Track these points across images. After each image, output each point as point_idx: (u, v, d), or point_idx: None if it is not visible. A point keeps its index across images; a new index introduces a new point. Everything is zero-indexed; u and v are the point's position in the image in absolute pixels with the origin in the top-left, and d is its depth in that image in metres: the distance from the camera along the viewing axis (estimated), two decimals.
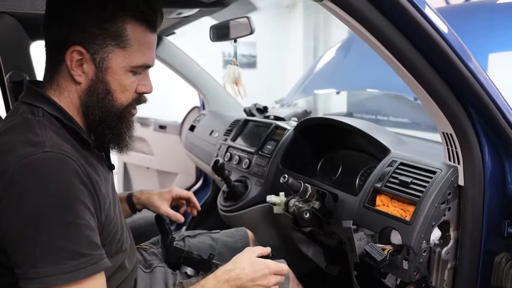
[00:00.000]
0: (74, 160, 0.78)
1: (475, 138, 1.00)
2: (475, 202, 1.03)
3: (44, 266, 0.71)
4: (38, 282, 0.71)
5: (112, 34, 0.84)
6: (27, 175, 0.73)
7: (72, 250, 0.73)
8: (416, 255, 1.01)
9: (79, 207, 0.76)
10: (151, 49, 0.91)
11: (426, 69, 0.90)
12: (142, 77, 0.92)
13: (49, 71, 0.88)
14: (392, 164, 1.16)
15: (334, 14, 0.86)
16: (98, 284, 0.78)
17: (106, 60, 0.85)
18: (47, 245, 0.72)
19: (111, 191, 0.98)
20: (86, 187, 0.78)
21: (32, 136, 0.78)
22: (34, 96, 0.86)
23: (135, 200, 1.30)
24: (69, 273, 0.72)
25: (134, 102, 0.93)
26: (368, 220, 1.12)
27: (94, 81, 0.86)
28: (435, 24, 0.84)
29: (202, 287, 0.92)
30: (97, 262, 0.77)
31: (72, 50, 0.83)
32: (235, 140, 1.94)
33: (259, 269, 0.96)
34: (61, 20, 0.84)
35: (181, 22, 1.92)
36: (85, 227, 0.76)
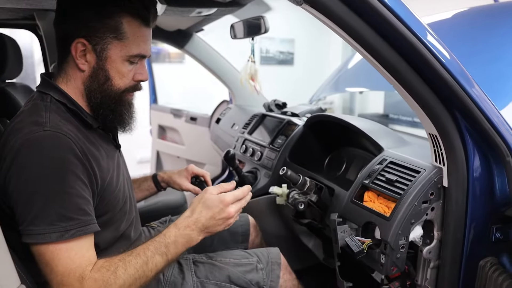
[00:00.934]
0: (70, 138, 0.91)
1: (459, 140, 1.01)
2: (458, 204, 1.04)
3: (38, 225, 0.85)
4: (33, 238, 0.85)
5: (111, 28, 0.97)
6: (28, 149, 0.87)
7: (62, 214, 0.87)
8: (393, 250, 1.05)
9: (71, 178, 0.88)
10: (146, 41, 1.03)
11: (406, 71, 0.93)
12: (139, 67, 1.04)
13: (59, 63, 1.03)
14: (382, 162, 1.20)
15: (316, 17, 0.91)
16: (85, 245, 0.90)
17: (105, 50, 0.98)
18: (41, 208, 0.86)
19: (116, 166, 1.10)
20: (80, 162, 0.91)
21: (38, 118, 0.93)
22: (45, 85, 1.02)
23: (159, 179, 1.44)
24: (58, 233, 0.86)
25: (131, 89, 1.06)
26: (353, 214, 1.17)
27: (95, 68, 1.00)
28: (411, 27, 0.87)
29: (164, 236, 0.98)
30: (84, 226, 0.89)
31: (77, 42, 0.97)
32: (252, 134, 2.03)
33: (214, 205, 1.00)
34: (68, 17, 0.99)
35: (207, 20, 2.03)
36: (75, 196, 0.89)
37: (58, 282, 0.86)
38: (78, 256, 0.88)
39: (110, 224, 1.05)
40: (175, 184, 1.41)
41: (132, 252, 0.94)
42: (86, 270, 0.88)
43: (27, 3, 1.59)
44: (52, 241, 0.85)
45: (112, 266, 0.90)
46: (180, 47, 2.43)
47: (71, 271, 0.86)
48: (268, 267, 1.25)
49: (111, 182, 1.04)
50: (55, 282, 0.87)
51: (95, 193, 0.96)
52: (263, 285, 1.21)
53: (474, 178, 1.04)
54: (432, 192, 1.06)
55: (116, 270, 0.89)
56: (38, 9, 1.85)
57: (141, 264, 0.92)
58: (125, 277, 0.90)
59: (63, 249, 0.87)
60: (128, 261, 0.92)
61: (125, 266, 0.91)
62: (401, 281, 1.17)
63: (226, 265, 1.21)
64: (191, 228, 0.99)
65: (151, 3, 1.03)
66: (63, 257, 0.86)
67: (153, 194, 1.46)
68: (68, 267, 0.86)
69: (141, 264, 0.92)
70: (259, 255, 1.29)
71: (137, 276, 0.91)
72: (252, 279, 1.19)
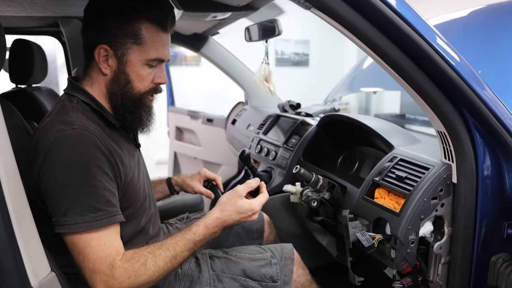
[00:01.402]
0: (96, 136, 0.98)
1: (467, 137, 1.03)
2: (467, 200, 1.06)
3: (70, 216, 0.92)
4: (66, 228, 0.93)
5: (130, 34, 1.04)
6: (58, 146, 0.95)
7: (91, 205, 0.94)
8: (403, 245, 1.07)
9: (97, 172, 0.95)
10: (164, 46, 1.09)
11: (412, 70, 0.96)
12: (158, 70, 1.10)
13: (84, 67, 1.11)
14: (392, 160, 1.23)
15: (325, 20, 0.95)
16: (112, 235, 0.97)
17: (125, 55, 1.05)
18: (72, 201, 0.93)
19: (136, 164, 1.17)
20: (105, 157, 0.98)
21: (66, 117, 1.00)
22: (72, 88, 1.09)
23: (173, 182, 1.50)
24: (88, 223, 0.93)
25: (151, 92, 1.12)
26: (364, 210, 1.20)
27: (117, 72, 1.06)
28: (417, 28, 0.90)
29: (193, 234, 1.04)
30: (111, 216, 0.96)
31: (100, 48, 1.04)
32: (267, 134, 2.07)
33: (243, 211, 1.09)
34: (91, 25, 1.06)
35: (222, 23, 2.08)
36: (101, 188, 0.96)
37: (91, 269, 0.93)
38: (107, 245, 0.95)
39: (131, 219, 1.11)
40: (188, 187, 1.47)
41: (162, 246, 1.00)
42: (116, 259, 0.95)
43: (52, 11, 1.68)
44: (84, 230, 0.92)
45: (141, 258, 0.97)
46: (196, 50, 2.49)
47: (102, 259, 0.93)
48: (281, 262, 1.29)
49: (132, 178, 1.10)
50: (87, 269, 0.94)
51: (119, 186, 1.03)
52: (276, 279, 1.24)
53: (483, 175, 1.05)
54: (442, 189, 1.08)
55: (146, 262, 0.96)
56: (62, 17, 1.94)
57: (170, 258, 1.00)
58: (154, 269, 0.97)
59: (94, 238, 0.94)
60: (158, 255, 0.98)
61: (155, 259, 0.98)
62: (413, 277, 1.19)
63: (241, 260, 1.26)
64: (219, 227, 1.07)
65: (168, 10, 1.09)
66: (94, 246, 0.93)
67: (166, 197, 1.53)
68: (99, 255, 0.93)
69: (170, 258, 0.99)
70: (273, 250, 1.33)
71: (165, 268, 0.99)
72: (266, 273, 1.23)
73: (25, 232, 0.70)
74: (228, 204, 1.09)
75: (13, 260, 0.66)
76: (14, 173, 0.72)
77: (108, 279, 0.93)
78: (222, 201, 1.11)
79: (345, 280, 1.31)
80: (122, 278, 0.94)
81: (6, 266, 0.65)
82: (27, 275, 0.68)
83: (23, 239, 0.68)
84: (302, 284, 1.32)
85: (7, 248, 0.65)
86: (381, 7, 0.87)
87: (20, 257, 0.67)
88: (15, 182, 0.71)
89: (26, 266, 0.68)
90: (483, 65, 1.51)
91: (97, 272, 0.93)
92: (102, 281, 0.94)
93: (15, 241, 0.67)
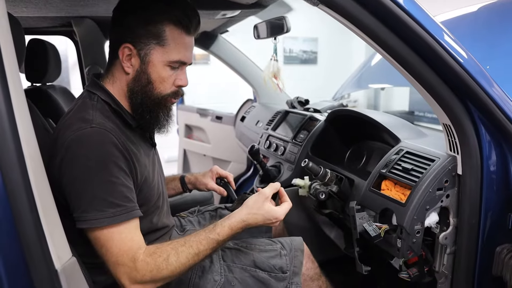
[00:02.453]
0: (113, 134, 1.01)
1: (472, 129, 1.05)
2: (472, 191, 1.09)
3: (90, 212, 0.96)
4: (87, 223, 0.97)
5: (154, 35, 1.06)
6: (78, 144, 0.98)
7: (111, 201, 0.97)
8: (409, 234, 1.10)
9: (115, 169, 0.99)
10: (187, 49, 1.11)
11: (418, 64, 0.99)
12: (180, 73, 1.12)
13: (108, 65, 1.14)
14: (399, 153, 1.25)
15: (333, 17, 0.98)
16: (132, 229, 1.01)
17: (148, 55, 1.07)
18: (91, 197, 0.97)
19: (151, 163, 1.21)
20: (122, 155, 1.02)
21: (85, 115, 1.04)
22: (94, 85, 1.12)
23: (186, 180, 1.54)
24: (109, 218, 0.97)
25: (173, 94, 1.14)
26: (371, 202, 1.23)
27: (139, 71, 1.09)
28: (421, 22, 0.93)
29: (218, 235, 1.06)
30: (130, 211, 1.00)
31: (124, 47, 1.07)
32: (275, 130, 2.11)
33: (269, 218, 1.11)
34: (118, 25, 1.10)
35: (231, 21, 2.12)
36: (119, 185, 0.99)
37: (114, 261, 0.98)
38: (128, 238, 0.99)
39: (144, 216, 1.14)
40: (201, 184, 1.50)
41: (185, 243, 1.04)
42: (138, 253, 0.99)
43: (66, 12, 1.73)
44: (104, 225, 0.97)
45: (164, 253, 1.00)
46: (205, 48, 2.53)
47: (124, 252, 0.98)
48: (291, 253, 1.31)
49: (147, 177, 1.14)
50: (111, 262, 0.99)
51: (135, 184, 1.07)
52: (286, 270, 1.27)
53: (488, 166, 1.08)
54: (447, 180, 1.11)
55: (168, 258, 1.00)
56: (75, 17, 1.99)
57: (193, 255, 1.03)
58: (176, 265, 1.00)
59: (115, 232, 0.98)
60: (181, 251, 1.02)
61: (178, 255, 1.01)
62: (419, 267, 1.22)
63: (251, 251, 1.29)
64: (242, 229, 1.10)
65: (194, 13, 1.10)
66: (116, 239, 0.98)
67: (178, 194, 1.56)
68: (121, 248, 0.98)
69: (192, 255, 1.03)
70: (283, 242, 1.35)
71: (187, 265, 1.02)
72: (276, 264, 1.26)
73: (49, 218, 0.75)
74: (255, 208, 1.11)
75: (39, 243, 0.70)
76: (39, 164, 0.76)
77: (131, 271, 0.98)
78: (249, 205, 1.12)
79: (353, 273, 1.34)
80: (144, 271, 0.98)
81: (33, 249, 0.70)
82: (52, 257, 0.72)
83: (47, 225, 0.73)
84: (311, 278, 1.34)
85: (34, 232, 0.70)
86: (387, 2, 0.90)
87: (45, 241, 0.72)
88: (40, 173, 0.76)
89: (51, 249, 0.72)
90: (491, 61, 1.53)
91: (120, 265, 0.98)
92: (125, 273, 0.98)
93: (41, 226, 0.71)
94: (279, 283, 1.23)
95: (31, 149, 0.73)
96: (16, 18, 1.13)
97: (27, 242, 0.69)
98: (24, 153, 0.70)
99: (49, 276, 0.72)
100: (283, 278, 1.24)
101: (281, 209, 1.14)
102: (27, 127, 0.73)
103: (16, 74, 0.73)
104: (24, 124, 0.72)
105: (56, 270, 0.73)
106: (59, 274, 0.73)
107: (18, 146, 0.69)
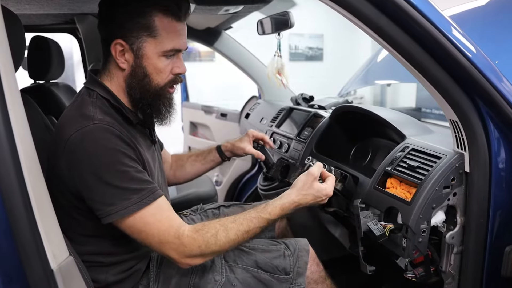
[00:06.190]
0: (116, 128, 1.01)
1: (480, 126, 1.02)
2: (480, 189, 1.06)
3: (117, 204, 0.96)
4: (117, 215, 0.97)
5: (144, 27, 1.04)
6: (83, 142, 0.97)
7: (133, 188, 0.98)
8: (414, 234, 1.07)
9: (126, 159, 0.99)
10: (179, 35, 1.08)
11: (424, 59, 0.96)
12: (176, 60, 1.11)
13: (103, 62, 1.13)
14: (404, 150, 1.22)
15: (335, 10, 0.95)
16: (163, 207, 1.02)
17: (141, 49, 1.06)
18: (113, 190, 0.97)
19: (152, 160, 1.20)
20: (129, 146, 1.02)
21: (86, 111, 1.03)
22: (92, 82, 1.11)
23: (223, 148, 1.54)
24: (136, 204, 0.97)
25: (171, 83, 1.12)
26: (376, 200, 1.20)
27: (134, 66, 1.08)
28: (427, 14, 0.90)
29: (269, 214, 1.09)
30: (153, 193, 1.01)
31: (115, 43, 1.06)
32: (280, 127, 2.08)
33: (319, 197, 1.14)
34: (106, 21, 1.08)
35: (235, 17, 2.10)
36: (135, 172, 1.00)
37: (158, 242, 1.00)
38: (164, 217, 1.00)
39: None
40: (239, 149, 1.51)
41: (235, 220, 1.06)
42: (181, 230, 1.00)
43: (69, 8, 1.72)
44: (135, 211, 0.97)
45: (212, 229, 1.02)
46: (210, 45, 2.51)
47: (165, 231, 0.99)
48: (295, 254, 1.28)
49: (151, 172, 1.13)
50: (155, 243, 1.00)
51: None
52: (289, 271, 1.24)
53: (497, 163, 1.05)
54: (454, 178, 1.08)
55: (217, 233, 1.02)
56: (78, 13, 1.98)
57: (243, 232, 1.05)
58: (225, 240, 1.03)
59: (147, 215, 0.99)
60: (230, 228, 1.04)
61: (227, 231, 1.03)
62: (425, 267, 1.19)
63: (254, 251, 1.26)
64: (292, 210, 1.12)
65: None
66: (151, 222, 0.99)
67: (218, 164, 1.57)
68: (160, 228, 0.99)
69: (242, 232, 1.05)
70: (287, 243, 1.33)
71: (236, 241, 1.05)
72: (279, 265, 1.24)
73: (45, 217, 0.73)
74: (305, 188, 1.13)
75: (34, 242, 0.69)
76: (34, 162, 0.75)
77: (178, 247, 1.00)
78: (299, 185, 1.14)
79: (358, 272, 1.32)
80: (192, 246, 1.00)
81: (28, 248, 0.69)
82: (47, 257, 0.71)
83: (43, 223, 0.71)
84: (315, 281, 1.32)
85: (29, 231, 0.69)
86: None
87: (41, 240, 0.70)
88: (35, 171, 0.74)
89: (46, 249, 0.71)
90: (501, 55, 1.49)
91: (164, 243, 0.99)
92: (173, 249, 1.00)
93: (36, 224, 0.70)
94: (282, 284, 1.21)
95: (26, 146, 0.72)
96: (15, 14, 1.11)
97: (22, 242, 0.68)
98: (19, 150, 0.69)
99: (44, 276, 0.71)
100: (285, 280, 1.22)
101: (327, 185, 1.16)
102: (22, 125, 0.72)
103: (11, 70, 0.72)
104: (19, 122, 0.70)
105: (52, 270, 0.72)
106: (55, 273, 0.72)
107: (12, 143, 0.68)
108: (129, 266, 1.15)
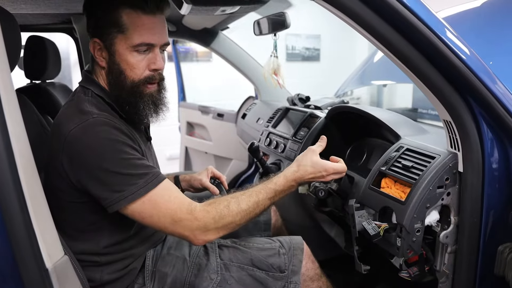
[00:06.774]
0: (115, 122, 1.03)
1: (473, 126, 1.03)
2: (473, 188, 1.06)
3: (124, 190, 0.98)
4: (126, 201, 0.98)
5: (113, 23, 1.05)
6: (83, 135, 0.99)
7: (137, 173, 0.99)
8: (408, 233, 1.08)
9: (127, 148, 1.01)
10: (150, 30, 1.07)
11: (417, 60, 0.96)
12: (151, 56, 1.09)
13: (91, 62, 1.15)
14: (399, 150, 1.23)
15: (331, 12, 0.96)
16: (170, 188, 1.03)
17: (113, 45, 1.07)
18: (119, 178, 0.98)
19: (148, 156, 1.20)
20: (128, 137, 1.03)
21: (84, 108, 1.04)
22: (87, 80, 1.13)
23: (180, 178, 1.54)
24: (144, 187, 0.99)
25: (147, 79, 1.10)
26: (370, 200, 1.21)
27: (110, 63, 1.09)
28: (421, 16, 0.90)
29: (274, 184, 1.13)
30: (158, 175, 1.02)
31: (93, 41, 1.08)
32: (276, 127, 2.09)
33: (318, 170, 1.17)
34: (87, 20, 1.10)
35: (231, 18, 2.10)
36: (137, 159, 1.02)
37: (170, 222, 1.00)
38: (173, 197, 1.02)
39: None
40: (196, 180, 1.50)
41: (244, 193, 1.10)
42: (192, 205, 1.02)
43: (65, 8, 1.72)
44: (142, 194, 0.98)
45: (224, 201, 1.05)
46: (206, 45, 2.52)
47: (177, 210, 1.00)
48: (290, 252, 1.30)
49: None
50: (168, 224, 1.01)
51: None
52: (284, 269, 1.25)
53: (490, 163, 1.05)
54: (448, 177, 1.08)
55: (229, 205, 1.05)
56: (75, 13, 1.98)
57: (253, 203, 1.08)
58: (238, 210, 1.05)
59: (156, 197, 1.00)
60: (241, 199, 1.07)
61: (238, 202, 1.06)
62: (419, 266, 1.20)
63: (249, 249, 1.27)
64: (296, 181, 1.16)
65: None
66: (161, 203, 1.00)
67: None
68: (171, 208, 1.00)
69: (252, 203, 1.08)
70: (282, 241, 1.34)
71: (248, 212, 1.07)
72: (274, 263, 1.25)
73: (40, 216, 0.74)
74: (304, 160, 1.18)
75: (29, 242, 0.69)
76: (30, 161, 0.75)
77: (192, 223, 1.00)
78: (298, 158, 1.20)
79: (354, 271, 1.33)
80: (205, 218, 1.01)
81: (23, 248, 0.69)
82: (42, 256, 0.71)
83: (38, 223, 0.72)
84: (311, 278, 1.32)
85: (24, 231, 0.69)
86: None
87: (36, 239, 0.71)
88: (30, 170, 0.75)
89: (41, 248, 0.71)
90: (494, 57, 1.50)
91: (177, 221, 1.00)
92: (186, 226, 1.01)
93: (31, 224, 0.70)
94: (277, 282, 1.21)
95: (21, 146, 0.72)
96: (11, 14, 1.12)
97: (17, 241, 0.68)
98: (14, 150, 0.69)
99: (39, 275, 0.71)
100: (281, 277, 1.23)
101: (328, 163, 1.19)
102: (17, 124, 0.72)
103: (6, 70, 0.72)
104: (14, 121, 0.71)
105: (47, 269, 0.72)
106: (50, 273, 0.72)
107: (7, 143, 0.68)
108: (124, 265, 1.15)
